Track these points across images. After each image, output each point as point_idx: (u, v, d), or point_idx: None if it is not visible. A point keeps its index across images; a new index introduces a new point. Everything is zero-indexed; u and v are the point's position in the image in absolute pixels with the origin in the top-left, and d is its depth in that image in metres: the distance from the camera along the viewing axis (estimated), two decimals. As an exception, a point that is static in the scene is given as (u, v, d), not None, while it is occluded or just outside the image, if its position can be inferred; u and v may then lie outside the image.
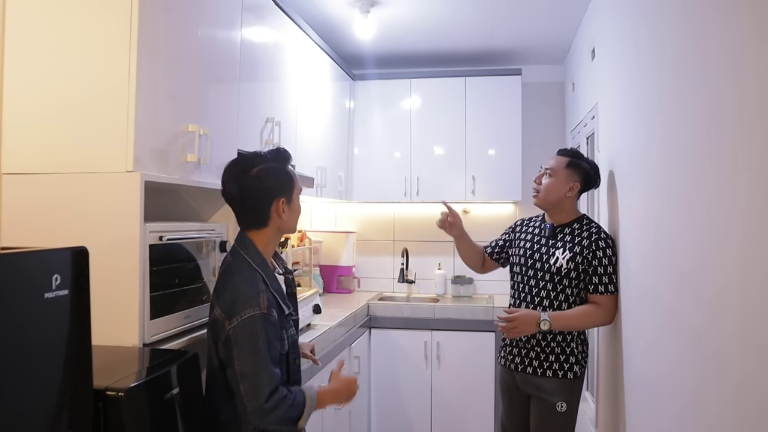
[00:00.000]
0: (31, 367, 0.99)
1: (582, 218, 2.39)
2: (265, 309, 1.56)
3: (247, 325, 1.54)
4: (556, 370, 2.31)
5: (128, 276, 1.59)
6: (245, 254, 1.69)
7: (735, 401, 1.21)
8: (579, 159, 2.40)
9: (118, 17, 1.63)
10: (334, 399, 1.73)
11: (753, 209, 1.13)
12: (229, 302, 1.59)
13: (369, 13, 3.16)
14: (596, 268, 2.26)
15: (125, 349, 1.55)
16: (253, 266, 1.66)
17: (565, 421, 2.32)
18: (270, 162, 1.70)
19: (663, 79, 1.75)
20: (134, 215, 1.60)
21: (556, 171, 2.36)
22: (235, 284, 1.62)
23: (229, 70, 2.20)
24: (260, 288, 1.60)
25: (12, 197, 1.68)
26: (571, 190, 2.35)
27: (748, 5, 1.15)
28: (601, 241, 2.28)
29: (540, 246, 2.41)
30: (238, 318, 1.55)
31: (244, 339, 1.54)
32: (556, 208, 2.39)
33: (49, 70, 1.68)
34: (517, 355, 2.41)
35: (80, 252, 1.09)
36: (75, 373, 1.09)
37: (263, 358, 1.53)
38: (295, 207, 1.75)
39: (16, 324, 0.96)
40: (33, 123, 1.69)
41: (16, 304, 0.96)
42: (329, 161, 3.60)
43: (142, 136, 1.64)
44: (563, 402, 2.29)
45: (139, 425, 1.21)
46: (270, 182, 1.67)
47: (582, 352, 2.37)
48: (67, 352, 1.07)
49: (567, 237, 2.35)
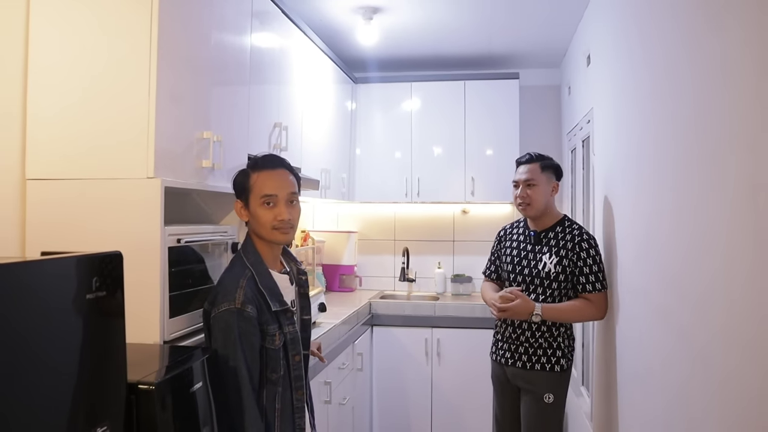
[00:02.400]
0: (75, 362, 1.08)
1: (563, 220, 2.49)
2: (239, 304, 1.64)
3: (222, 318, 1.64)
4: (543, 364, 2.42)
5: (150, 277, 1.68)
6: (242, 252, 1.79)
7: (720, 396, 1.28)
8: (545, 159, 2.51)
9: (138, 29, 1.72)
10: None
11: (737, 213, 1.20)
12: (213, 295, 1.71)
13: (372, 20, 3.25)
14: (582, 269, 2.36)
15: (148, 346, 1.64)
16: (246, 264, 1.75)
17: (553, 412, 2.43)
18: (247, 167, 1.82)
19: (654, 87, 1.84)
20: (155, 219, 1.69)
21: (536, 180, 2.45)
22: (222, 278, 1.74)
23: (239, 76, 2.29)
24: (240, 284, 1.68)
25: (36, 202, 1.77)
26: (554, 189, 2.48)
27: (735, 16, 1.22)
28: (584, 242, 2.38)
29: (527, 252, 2.50)
30: (216, 310, 1.66)
31: (219, 330, 1.64)
32: (545, 212, 2.48)
33: (72, 81, 1.76)
34: (507, 350, 2.52)
35: (116, 256, 1.18)
36: (111, 368, 1.18)
37: (233, 351, 1.62)
38: (254, 213, 1.76)
39: (64, 323, 1.05)
40: (57, 130, 1.77)
41: (64, 305, 1.05)
42: (333, 163, 3.69)
43: (162, 143, 1.73)
44: (550, 394, 2.41)
45: (167, 417, 1.31)
46: (234, 183, 1.80)
47: (568, 347, 2.47)
48: (105, 349, 1.16)
49: (552, 241, 2.44)
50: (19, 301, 0.96)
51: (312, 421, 1.95)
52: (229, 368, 1.61)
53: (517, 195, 2.49)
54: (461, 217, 4.48)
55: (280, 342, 1.72)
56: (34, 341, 0.99)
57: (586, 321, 2.63)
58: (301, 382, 1.80)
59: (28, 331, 0.98)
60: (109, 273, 1.16)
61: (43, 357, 1.00)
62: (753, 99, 1.13)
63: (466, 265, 4.44)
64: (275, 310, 1.72)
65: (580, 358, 3.41)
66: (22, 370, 0.96)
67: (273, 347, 1.70)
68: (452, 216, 4.48)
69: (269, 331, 1.70)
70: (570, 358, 2.48)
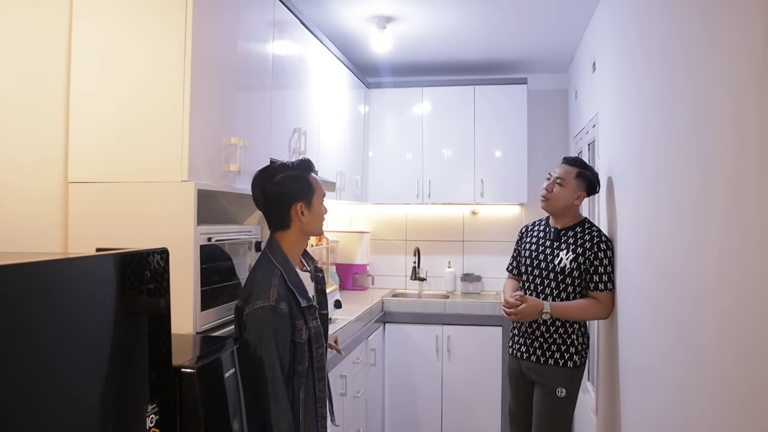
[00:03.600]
0: (133, 347, 1.22)
1: (584, 222, 2.59)
2: (273, 302, 1.77)
3: (257, 314, 1.77)
4: (557, 359, 2.52)
5: (184, 273, 1.82)
6: (269, 252, 1.91)
7: (717, 393, 1.34)
8: (586, 169, 2.59)
9: (173, 42, 1.85)
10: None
11: (732, 215, 1.27)
12: (246, 293, 1.83)
13: (385, 29, 3.38)
14: (597, 268, 2.47)
15: (183, 335, 1.78)
16: (274, 262, 1.87)
17: (564, 406, 2.53)
18: (292, 170, 1.93)
19: (654, 94, 1.92)
20: (189, 219, 1.83)
21: (566, 181, 2.54)
22: (253, 277, 1.86)
23: (262, 83, 2.42)
24: (273, 282, 1.81)
25: (78, 204, 1.91)
26: (578, 198, 2.56)
27: (731, 28, 1.29)
28: (602, 243, 2.49)
29: (545, 248, 2.62)
30: (250, 307, 1.78)
31: (253, 326, 1.77)
32: (563, 214, 2.59)
33: (111, 91, 1.90)
34: (522, 344, 2.63)
35: (164, 252, 1.32)
36: (160, 352, 1.32)
37: (267, 346, 1.75)
38: (316, 211, 1.95)
39: (125, 311, 1.19)
40: (97, 137, 1.91)
41: (126, 295, 1.19)
42: (347, 165, 3.83)
43: (195, 149, 1.87)
44: (563, 388, 2.51)
45: (206, 397, 1.44)
46: (289, 188, 1.90)
47: (582, 343, 2.57)
48: (156, 334, 1.30)
49: (570, 240, 2.55)
50: (87, 289, 1.10)
51: (331, 410, 2.08)
52: (263, 362, 1.74)
53: (544, 186, 2.60)
54: (471, 218, 4.60)
55: (306, 336, 1.85)
56: (102, 326, 1.13)
57: (592, 319, 2.72)
58: (323, 374, 1.94)
59: (94, 317, 1.12)
60: (158, 267, 1.30)
61: (111, 340, 1.14)
62: (747, 105, 1.20)
63: (476, 264, 4.56)
64: (303, 306, 1.86)
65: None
66: (98, 350, 1.10)
67: (300, 341, 1.83)
68: (462, 217, 4.61)
69: (297, 325, 1.83)
70: (584, 355, 2.57)
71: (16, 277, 0.94)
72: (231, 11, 2.15)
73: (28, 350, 0.94)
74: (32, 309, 0.96)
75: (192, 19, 1.85)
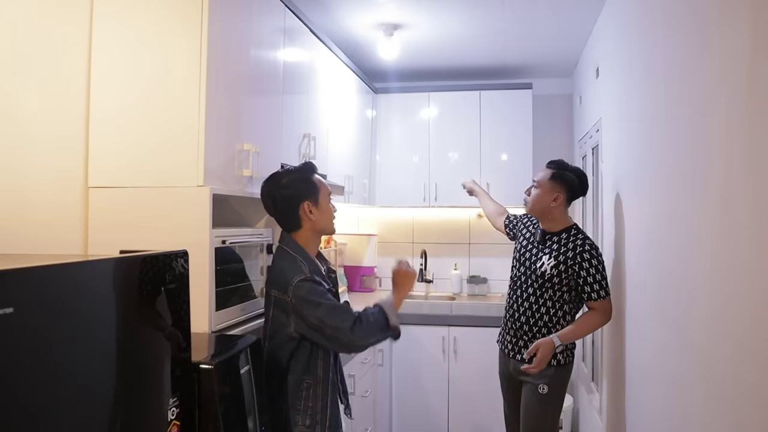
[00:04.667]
0: (155, 344, 1.30)
1: (570, 228, 2.57)
2: (308, 274, 1.90)
3: (301, 287, 1.87)
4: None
5: (200, 274, 1.88)
6: (286, 247, 2.01)
7: (710, 389, 1.39)
8: (564, 170, 2.57)
9: (190, 52, 1.92)
10: (400, 292, 2.09)
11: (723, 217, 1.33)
12: (280, 282, 1.91)
13: (392, 36, 3.45)
14: (585, 278, 2.46)
15: (199, 334, 1.85)
16: (292, 253, 1.98)
17: (547, 403, 2.54)
18: (295, 174, 2.04)
19: (653, 101, 1.99)
20: (204, 223, 1.90)
21: (541, 183, 2.57)
22: (280, 267, 1.96)
23: (273, 89, 2.49)
24: (300, 266, 1.93)
25: (97, 208, 1.98)
26: (555, 200, 2.53)
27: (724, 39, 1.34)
28: (586, 252, 2.47)
29: (532, 247, 2.65)
30: (291, 287, 1.87)
31: (304, 298, 1.86)
32: (545, 217, 2.60)
33: (130, 100, 1.98)
34: (509, 342, 2.69)
35: (184, 253, 1.39)
36: (180, 349, 1.39)
37: (327, 301, 1.87)
38: (324, 208, 2.05)
39: (149, 310, 1.27)
40: (117, 143, 1.98)
41: (150, 295, 1.26)
42: (355, 169, 3.90)
43: (210, 154, 1.94)
44: (545, 385, 2.52)
45: (223, 392, 1.52)
46: (294, 190, 2.00)
47: (567, 343, 2.53)
48: (175, 333, 1.37)
49: (554, 245, 2.55)
50: (115, 289, 1.17)
51: (347, 404, 2.18)
52: (331, 310, 1.86)
53: (525, 190, 2.67)
54: (477, 220, 4.66)
55: None
56: (129, 325, 1.20)
57: (597, 329, 2.72)
58: (337, 360, 2.07)
59: (122, 316, 1.19)
60: (178, 268, 1.37)
61: (134, 335, 1.22)
62: (737, 112, 1.26)
63: (482, 266, 4.62)
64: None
65: (590, 355, 3.57)
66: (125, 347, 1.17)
67: None
68: (468, 220, 4.67)
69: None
70: (569, 354, 2.58)
71: (51, 277, 1.01)
72: (244, 19, 2.22)
73: (63, 346, 1.02)
74: (67, 307, 1.03)
75: (207, 28, 1.92)
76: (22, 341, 0.92)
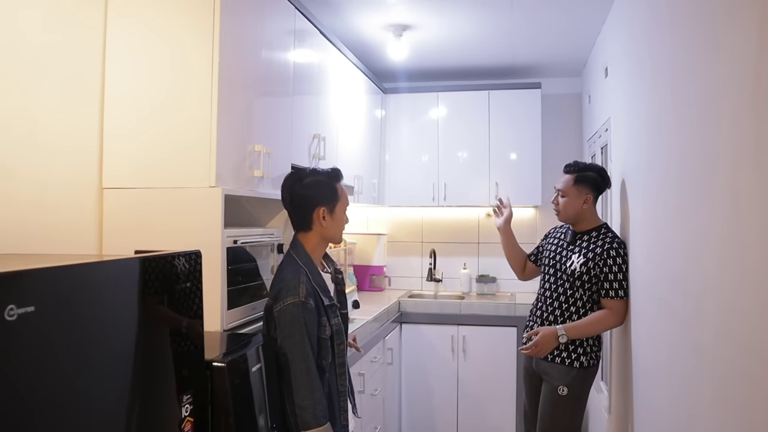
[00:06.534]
0: (170, 342, 1.32)
1: (601, 227, 2.62)
2: (303, 298, 1.87)
3: (288, 310, 1.86)
4: (563, 358, 2.56)
5: (212, 273, 1.91)
6: (293, 253, 2.01)
7: (718, 389, 1.39)
8: (584, 171, 2.63)
9: (202, 54, 1.95)
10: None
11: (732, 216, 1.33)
12: (276, 291, 1.92)
13: (401, 37, 3.47)
14: (607, 275, 2.49)
15: (211, 333, 1.88)
16: (299, 263, 1.97)
17: (566, 405, 2.55)
18: (320, 176, 2.04)
19: (662, 101, 1.99)
20: (216, 223, 1.93)
21: (566, 191, 2.62)
22: (282, 276, 1.95)
23: (284, 90, 2.52)
24: (301, 280, 1.91)
25: (111, 208, 2.02)
26: (585, 202, 2.60)
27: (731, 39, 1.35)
28: (613, 249, 2.50)
29: (561, 249, 2.68)
30: (281, 304, 1.87)
31: (286, 321, 1.86)
32: (577, 220, 2.64)
33: (143, 102, 2.01)
34: None
35: (197, 254, 1.42)
36: (195, 346, 1.42)
37: (300, 338, 1.84)
38: (338, 218, 2.04)
39: (164, 308, 1.29)
40: (130, 145, 2.01)
41: (165, 294, 1.29)
42: (364, 169, 3.92)
43: (222, 155, 1.97)
44: (564, 387, 2.53)
45: (235, 390, 1.54)
46: (314, 192, 2.00)
47: (593, 345, 2.58)
48: (190, 330, 1.40)
49: (584, 243, 2.59)
50: (132, 288, 1.20)
51: (354, 403, 2.19)
52: (297, 354, 1.84)
53: (552, 201, 2.71)
54: (485, 220, 4.67)
55: (329, 332, 1.95)
56: (145, 323, 1.23)
57: (606, 330, 2.70)
58: (344, 369, 2.04)
59: (138, 314, 1.22)
60: (192, 268, 1.40)
61: (150, 333, 1.25)
62: (745, 111, 1.26)
63: (491, 266, 4.63)
64: (326, 305, 1.95)
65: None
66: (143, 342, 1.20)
67: (324, 336, 1.93)
68: (477, 219, 4.68)
69: (321, 322, 1.93)
70: (594, 357, 2.59)
71: (70, 277, 1.04)
72: (255, 22, 2.25)
73: (81, 343, 1.05)
74: (84, 306, 1.06)
75: (219, 30, 1.95)
76: (42, 338, 0.95)
